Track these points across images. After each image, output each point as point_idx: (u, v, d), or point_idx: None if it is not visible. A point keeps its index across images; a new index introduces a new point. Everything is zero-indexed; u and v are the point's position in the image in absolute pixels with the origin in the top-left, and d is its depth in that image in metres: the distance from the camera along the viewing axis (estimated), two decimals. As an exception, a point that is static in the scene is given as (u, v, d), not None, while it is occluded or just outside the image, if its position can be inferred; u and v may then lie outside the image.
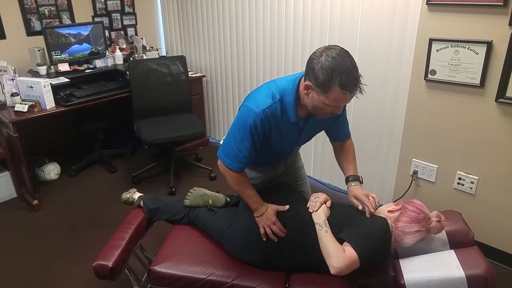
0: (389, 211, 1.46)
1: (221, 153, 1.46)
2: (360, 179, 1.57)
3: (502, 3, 1.68)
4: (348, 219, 1.43)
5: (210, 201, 1.70)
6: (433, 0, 1.89)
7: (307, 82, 1.26)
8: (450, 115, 2.02)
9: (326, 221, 1.41)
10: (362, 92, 1.25)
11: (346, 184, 1.58)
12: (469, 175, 2.04)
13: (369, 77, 2.33)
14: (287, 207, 1.52)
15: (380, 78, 2.28)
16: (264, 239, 1.48)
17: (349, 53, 1.23)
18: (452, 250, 1.40)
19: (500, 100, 1.82)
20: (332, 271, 1.29)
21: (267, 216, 1.47)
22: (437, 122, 2.08)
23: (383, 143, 2.41)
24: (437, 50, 1.95)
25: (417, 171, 2.25)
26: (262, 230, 1.47)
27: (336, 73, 1.18)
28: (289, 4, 2.60)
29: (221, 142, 1.83)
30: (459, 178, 2.08)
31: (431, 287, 1.30)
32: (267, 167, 1.69)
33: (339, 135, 1.66)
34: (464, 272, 1.27)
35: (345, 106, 1.46)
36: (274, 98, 1.35)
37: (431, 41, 1.95)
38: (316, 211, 1.45)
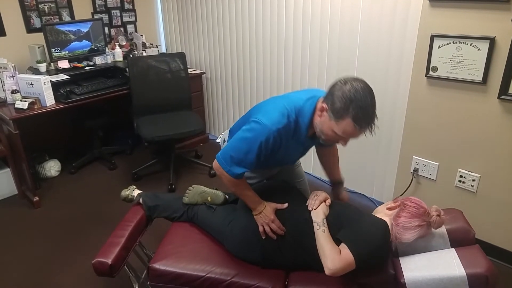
0: (388, 209, 1.46)
1: (222, 158, 1.40)
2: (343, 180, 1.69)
3: (505, -1, 1.66)
4: (347, 219, 1.42)
5: (209, 199, 1.70)
6: (435, -4, 1.87)
7: (324, 105, 1.26)
8: (451, 112, 2.01)
9: (325, 220, 1.40)
10: (372, 133, 1.26)
11: (334, 185, 1.67)
12: (470, 173, 2.03)
13: (369, 74, 2.32)
14: (286, 205, 1.51)
15: (381, 74, 2.27)
16: (263, 237, 1.47)
17: (372, 91, 1.23)
18: (453, 249, 1.39)
19: (503, 97, 1.80)
20: (327, 272, 1.29)
21: (266, 214, 1.46)
22: (438, 119, 2.07)
23: (384, 140, 2.40)
24: (439, 47, 1.93)
25: (417, 168, 2.24)
26: (261, 228, 1.47)
27: (353, 105, 1.18)
28: (289, 1, 2.58)
29: (218, 140, 1.82)
30: (461, 176, 2.07)
31: (432, 285, 1.29)
32: (262, 170, 1.69)
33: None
34: (465, 271, 1.26)
35: None
36: (290, 118, 1.33)
37: (432, 37, 1.93)
38: (315, 209, 1.44)
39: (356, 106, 1.18)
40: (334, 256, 1.29)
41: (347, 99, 1.18)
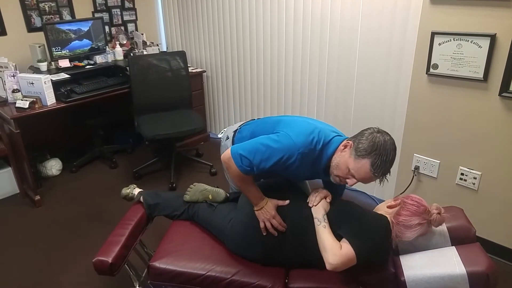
0: (388, 207, 1.45)
1: (237, 152, 1.39)
2: None
3: (506, -5, 1.65)
4: (348, 216, 1.42)
5: (210, 196, 1.70)
6: (435, -7, 1.86)
7: (350, 142, 1.34)
8: (452, 109, 2.00)
9: (325, 216, 1.40)
10: (380, 182, 1.34)
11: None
12: (471, 171, 2.02)
13: (370, 71, 2.32)
14: (287, 201, 1.51)
15: (381, 72, 2.26)
16: (264, 234, 1.47)
17: (396, 150, 1.31)
18: (453, 247, 1.39)
19: (504, 94, 1.79)
20: (328, 267, 1.29)
21: (267, 210, 1.47)
22: (439, 117, 2.06)
23: (385, 138, 2.39)
24: (439, 44, 1.92)
25: (418, 166, 2.23)
26: (262, 224, 1.47)
27: (377, 152, 1.26)
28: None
29: (219, 135, 1.82)
30: (462, 174, 2.06)
31: (432, 283, 1.29)
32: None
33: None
34: (465, 269, 1.26)
35: None
36: (317, 146, 1.37)
37: (433, 34, 1.92)
38: (315, 206, 1.44)
39: (379, 153, 1.26)
40: (335, 251, 1.29)
41: (374, 144, 1.27)
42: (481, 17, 1.76)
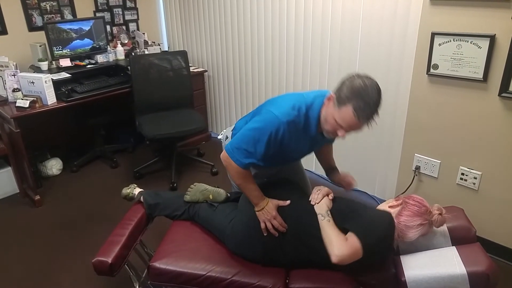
0: (389, 207, 1.45)
1: (230, 147, 1.43)
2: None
3: (505, -4, 1.66)
4: (351, 211, 1.43)
5: (211, 196, 1.70)
6: (436, -7, 1.86)
7: (332, 94, 1.32)
8: (452, 109, 2.00)
9: (329, 212, 1.40)
10: (369, 126, 1.31)
11: (329, 173, 1.70)
12: (472, 171, 2.03)
13: (371, 72, 2.30)
14: (288, 202, 1.51)
15: (382, 72, 2.26)
16: (265, 234, 1.47)
17: (381, 91, 1.28)
18: (454, 247, 1.39)
19: (503, 94, 1.79)
20: (334, 259, 1.27)
21: (268, 211, 1.47)
22: (439, 117, 2.06)
23: (385, 138, 2.40)
24: (440, 44, 1.92)
25: (419, 166, 2.23)
26: (262, 225, 1.47)
27: (358, 95, 1.23)
28: (290, -2, 2.58)
29: (219, 137, 1.82)
30: (462, 174, 2.06)
31: (432, 284, 1.29)
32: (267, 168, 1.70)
33: (328, 141, 1.68)
34: (466, 269, 1.26)
35: None
36: (300, 111, 1.37)
37: (433, 35, 1.93)
38: (318, 203, 1.44)
39: (360, 97, 1.23)
40: (341, 243, 1.29)
41: (354, 89, 1.24)
42: (481, 18, 1.77)
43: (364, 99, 1.23)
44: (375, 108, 1.26)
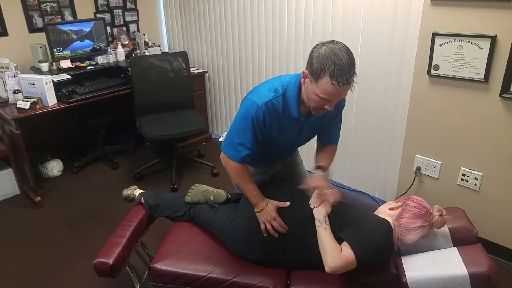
0: (390, 209, 1.45)
1: (224, 145, 1.49)
2: (328, 173, 1.58)
3: (506, -3, 1.65)
4: (349, 219, 1.42)
5: (211, 197, 1.70)
6: (436, -6, 1.86)
7: (305, 70, 1.29)
8: (453, 110, 2.00)
9: (327, 218, 1.40)
10: (352, 89, 1.26)
11: (317, 168, 1.59)
12: (473, 171, 2.02)
13: (371, 73, 2.32)
14: (288, 203, 1.51)
15: (383, 73, 2.26)
16: (265, 235, 1.47)
17: (350, 50, 1.24)
18: (455, 248, 1.39)
19: (505, 95, 1.79)
20: (327, 269, 1.28)
21: (267, 212, 1.46)
22: (440, 118, 2.06)
23: (386, 139, 2.39)
24: (440, 45, 1.92)
25: (420, 167, 2.23)
26: (262, 226, 1.47)
27: (329, 63, 1.19)
28: (291, 0, 2.58)
29: (220, 139, 1.82)
30: (463, 174, 2.06)
31: (433, 285, 1.28)
32: (265, 165, 1.69)
33: (329, 138, 1.64)
34: (467, 270, 1.26)
35: (340, 111, 1.53)
36: (277, 92, 1.38)
37: (434, 35, 1.92)
38: (316, 207, 1.44)
39: (332, 63, 1.19)
40: (334, 254, 1.29)
41: (322, 58, 1.20)
42: (482, 19, 1.76)
43: (336, 63, 1.19)
44: (350, 67, 1.22)
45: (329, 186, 1.47)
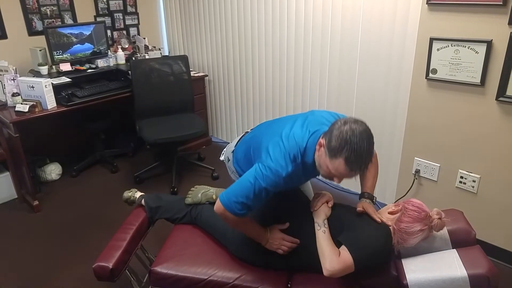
0: (389, 213, 1.46)
1: (227, 200, 1.34)
2: (374, 199, 1.55)
3: (501, 3, 1.68)
4: (348, 222, 1.42)
5: (214, 197, 1.70)
6: (433, 0, 1.88)
7: (322, 140, 1.26)
8: (451, 113, 2.02)
9: (326, 221, 1.40)
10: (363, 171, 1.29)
11: (359, 199, 1.56)
12: (470, 174, 2.04)
13: (371, 76, 2.34)
14: (287, 224, 1.49)
15: (381, 77, 2.28)
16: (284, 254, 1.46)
17: (371, 135, 1.23)
18: (454, 250, 1.40)
19: (501, 98, 1.81)
20: (325, 273, 1.29)
21: (274, 238, 1.45)
22: (438, 121, 2.08)
23: (385, 142, 2.41)
24: (438, 49, 1.95)
25: (419, 169, 2.25)
26: (280, 252, 1.45)
27: (348, 147, 1.18)
28: (290, 4, 2.60)
29: (221, 158, 1.78)
30: (461, 177, 2.08)
31: (434, 287, 1.29)
32: None
33: None
34: (467, 272, 1.26)
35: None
36: (296, 161, 1.32)
37: (431, 40, 1.95)
38: (316, 210, 1.45)
39: (351, 148, 1.17)
40: (332, 258, 1.29)
41: (342, 140, 1.18)
42: (478, 24, 1.79)
43: (354, 149, 1.17)
44: (367, 156, 1.21)
45: (375, 211, 1.46)
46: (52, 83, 2.61)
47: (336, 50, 2.45)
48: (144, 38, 3.45)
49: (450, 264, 1.32)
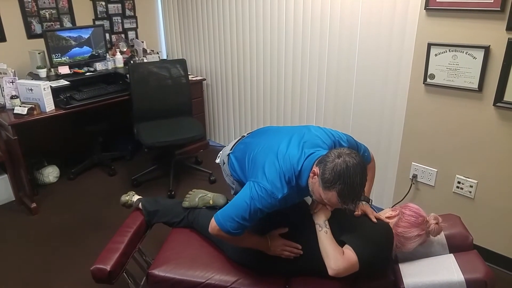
0: (387, 218, 1.46)
1: (222, 219, 1.34)
2: (370, 201, 1.56)
3: (499, 9, 1.70)
4: (349, 223, 1.43)
5: (211, 202, 1.70)
6: (431, 5, 1.90)
7: (316, 169, 1.26)
8: (449, 119, 2.03)
9: (326, 222, 1.41)
10: (357, 208, 1.35)
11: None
12: (468, 179, 2.05)
13: (368, 82, 2.35)
14: (286, 229, 1.50)
15: (379, 82, 2.29)
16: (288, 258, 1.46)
17: (365, 170, 1.23)
18: (452, 254, 1.40)
19: (498, 104, 1.82)
20: (330, 272, 1.29)
21: (276, 245, 1.46)
22: (436, 126, 2.09)
23: (383, 147, 2.42)
24: (436, 55, 1.96)
25: (416, 174, 2.25)
26: (284, 256, 1.45)
27: (341, 181, 1.18)
28: (289, 8, 2.62)
29: (217, 161, 1.76)
30: (458, 182, 2.09)
31: (431, 291, 1.30)
32: None
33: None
34: (464, 276, 1.27)
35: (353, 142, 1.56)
36: (290, 183, 1.33)
37: (429, 45, 1.96)
38: (315, 212, 1.45)
39: (344, 182, 1.18)
40: (337, 257, 1.29)
41: (336, 173, 1.19)
42: (476, 29, 1.81)
43: (347, 183, 1.18)
44: (360, 189, 1.22)
45: (373, 212, 1.49)
46: (50, 86, 2.61)
47: (334, 55, 2.47)
48: (143, 42, 3.46)
49: (447, 268, 1.32)
